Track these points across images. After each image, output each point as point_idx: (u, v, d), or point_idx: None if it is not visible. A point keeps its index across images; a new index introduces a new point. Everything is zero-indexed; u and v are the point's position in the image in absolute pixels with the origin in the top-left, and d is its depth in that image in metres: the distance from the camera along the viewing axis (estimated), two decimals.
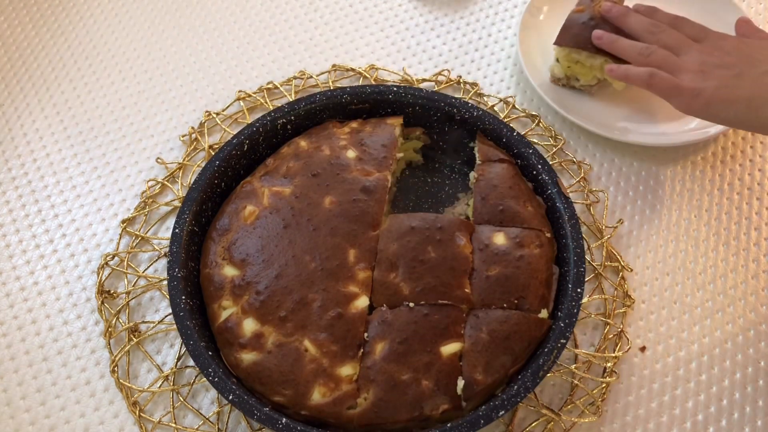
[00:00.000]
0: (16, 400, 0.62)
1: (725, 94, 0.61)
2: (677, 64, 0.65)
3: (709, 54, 0.64)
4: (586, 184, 0.74)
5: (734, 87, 0.61)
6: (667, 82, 0.64)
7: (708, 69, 0.63)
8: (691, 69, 0.64)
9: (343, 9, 0.90)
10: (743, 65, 0.62)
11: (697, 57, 0.65)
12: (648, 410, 0.61)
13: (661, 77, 0.65)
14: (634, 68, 0.67)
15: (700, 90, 0.62)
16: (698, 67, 0.64)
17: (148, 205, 0.72)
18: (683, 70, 0.64)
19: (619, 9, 0.72)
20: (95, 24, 0.89)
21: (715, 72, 0.63)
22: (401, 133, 0.71)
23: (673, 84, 0.64)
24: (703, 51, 0.65)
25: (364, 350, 0.57)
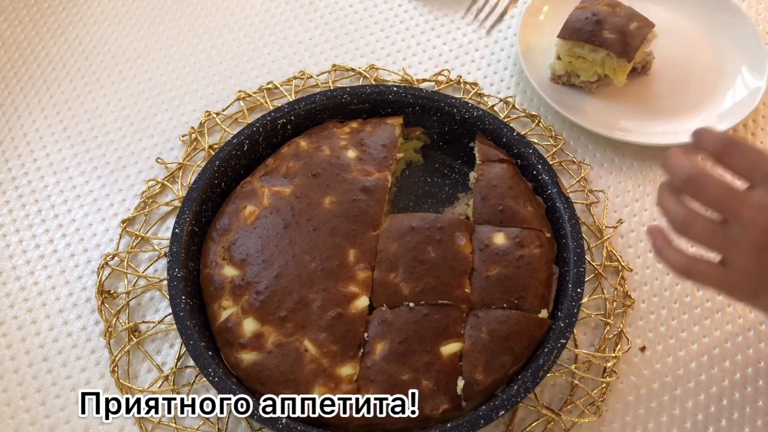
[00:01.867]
0: (16, 400, 0.62)
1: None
2: (726, 244, 0.47)
3: None
4: (586, 184, 0.74)
5: None
6: (710, 279, 0.48)
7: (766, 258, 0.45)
8: (740, 255, 0.46)
9: (343, 9, 0.90)
10: None
11: (751, 232, 0.45)
12: (648, 410, 0.61)
13: (698, 273, 0.48)
14: (668, 253, 0.49)
15: (755, 293, 0.48)
16: (752, 254, 0.45)
17: (148, 205, 0.72)
18: (729, 252, 0.47)
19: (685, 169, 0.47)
20: (95, 24, 0.89)
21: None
22: (401, 133, 0.71)
23: (718, 281, 0.48)
24: (760, 223, 0.44)
25: (364, 350, 0.57)
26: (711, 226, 0.47)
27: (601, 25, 0.74)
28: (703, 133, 0.48)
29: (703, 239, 0.47)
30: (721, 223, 0.46)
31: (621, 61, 0.74)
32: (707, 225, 0.47)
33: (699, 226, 0.47)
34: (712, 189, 0.46)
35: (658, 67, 0.81)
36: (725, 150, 0.47)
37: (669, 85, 0.80)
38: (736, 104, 0.77)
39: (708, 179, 0.46)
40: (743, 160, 0.46)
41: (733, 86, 0.79)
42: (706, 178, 0.46)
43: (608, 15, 0.75)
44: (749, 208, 0.44)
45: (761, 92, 0.76)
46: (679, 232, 0.48)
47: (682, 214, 0.48)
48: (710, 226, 0.47)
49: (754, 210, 0.44)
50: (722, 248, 0.47)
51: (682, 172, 0.47)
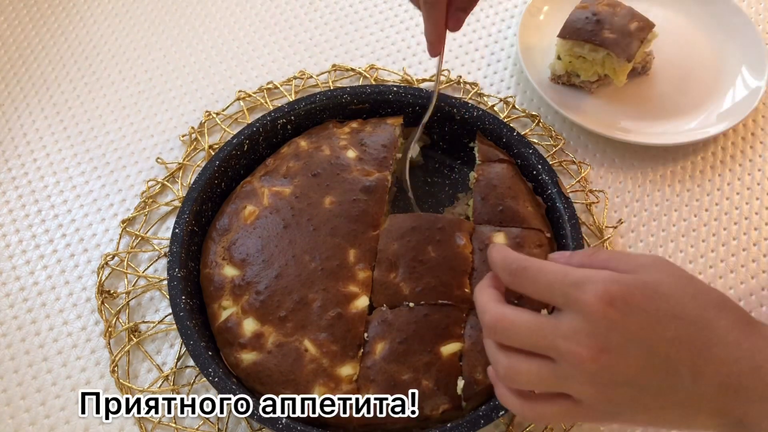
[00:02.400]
0: (16, 400, 0.62)
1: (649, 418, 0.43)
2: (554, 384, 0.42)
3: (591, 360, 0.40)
4: (586, 184, 0.74)
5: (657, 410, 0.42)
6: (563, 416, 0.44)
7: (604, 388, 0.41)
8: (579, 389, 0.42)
9: (343, 9, 0.90)
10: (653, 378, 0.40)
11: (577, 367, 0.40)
12: None
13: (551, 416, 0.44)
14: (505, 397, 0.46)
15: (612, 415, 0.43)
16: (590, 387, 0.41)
17: (148, 205, 0.72)
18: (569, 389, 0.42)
19: None
20: (95, 24, 0.89)
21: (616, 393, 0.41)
22: (401, 133, 0.71)
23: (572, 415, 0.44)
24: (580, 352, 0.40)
25: (364, 350, 0.57)
26: (537, 369, 0.42)
27: (601, 25, 0.74)
28: (494, 255, 0.45)
29: (535, 386, 0.43)
30: (548, 363, 0.42)
31: (621, 61, 0.74)
32: (533, 369, 0.42)
33: (524, 374, 0.42)
34: (518, 332, 0.42)
35: (658, 67, 0.81)
36: (515, 278, 0.44)
37: (669, 85, 0.80)
38: (736, 104, 0.77)
39: (511, 322, 0.42)
40: (538, 284, 0.43)
41: (733, 86, 0.79)
42: (510, 322, 0.42)
43: (608, 15, 0.75)
44: (563, 340, 0.40)
45: (761, 92, 0.76)
46: (508, 384, 0.44)
47: (503, 366, 0.43)
48: (536, 369, 0.42)
49: (568, 342, 0.40)
50: (559, 387, 0.42)
51: (485, 321, 0.44)
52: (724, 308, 0.42)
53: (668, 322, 0.40)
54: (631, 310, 0.40)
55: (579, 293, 0.40)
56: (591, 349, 0.40)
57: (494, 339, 0.44)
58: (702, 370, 0.40)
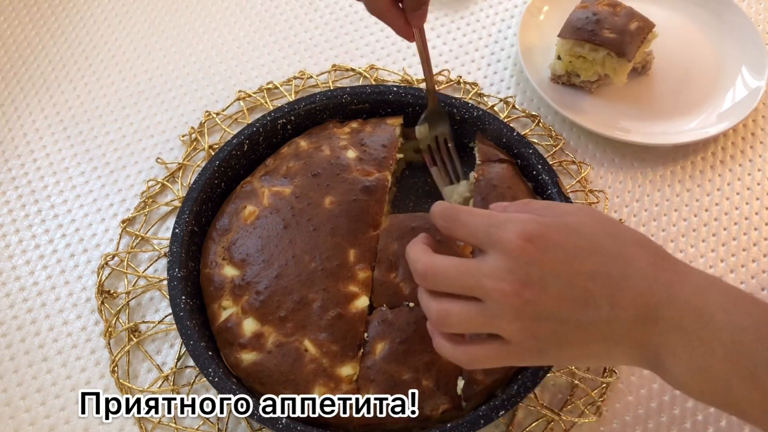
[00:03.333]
0: (16, 400, 0.62)
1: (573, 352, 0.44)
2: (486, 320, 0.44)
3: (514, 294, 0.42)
4: (586, 184, 0.74)
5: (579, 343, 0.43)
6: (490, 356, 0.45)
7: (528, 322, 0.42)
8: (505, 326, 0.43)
9: (343, 9, 0.90)
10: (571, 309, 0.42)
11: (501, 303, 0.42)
12: (648, 410, 0.61)
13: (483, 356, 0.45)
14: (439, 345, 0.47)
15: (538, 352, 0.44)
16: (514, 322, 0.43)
17: (148, 205, 0.72)
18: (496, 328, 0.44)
19: None
20: (95, 24, 0.89)
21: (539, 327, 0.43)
22: (401, 133, 0.71)
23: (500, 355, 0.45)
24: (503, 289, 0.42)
25: (364, 350, 0.57)
26: (467, 310, 0.43)
27: (601, 25, 0.74)
28: (433, 208, 0.47)
29: (465, 327, 0.44)
30: (476, 304, 0.43)
31: (621, 61, 0.74)
32: (462, 310, 0.43)
33: (454, 316, 0.44)
34: (447, 276, 0.44)
35: (658, 67, 0.81)
36: (447, 224, 0.45)
37: (669, 85, 0.80)
38: (736, 104, 0.77)
39: (440, 267, 0.44)
40: (466, 227, 0.44)
41: (733, 86, 0.79)
42: (439, 267, 0.44)
43: (608, 15, 0.75)
44: (488, 279, 0.42)
45: (761, 92, 0.76)
46: (440, 329, 0.45)
47: (434, 310, 0.44)
48: (466, 310, 0.43)
49: (492, 280, 0.42)
50: (489, 327, 0.43)
51: (417, 270, 0.45)
52: (642, 246, 0.44)
53: (586, 257, 0.42)
54: (549, 246, 0.42)
55: (500, 232, 0.42)
56: (513, 284, 0.41)
57: (426, 287, 0.45)
58: (619, 301, 0.41)
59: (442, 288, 0.44)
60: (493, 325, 0.43)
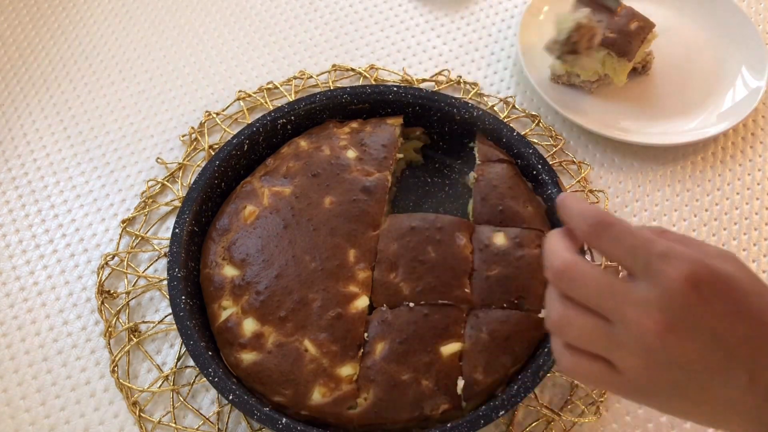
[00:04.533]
0: (16, 400, 0.62)
1: (685, 408, 0.41)
2: (607, 347, 0.40)
3: (655, 333, 0.38)
4: (586, 184, 0.74)
5: (699, 402, 0.40)
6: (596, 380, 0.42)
7: (653, 366, 0.39)
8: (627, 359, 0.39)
9: (343, 9, 0.90)
10: (708, 370, 0.38)
11: (636, 338, 0.38)
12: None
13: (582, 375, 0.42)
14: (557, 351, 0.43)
15: (648, 395, 0.41)
16: (638, 359, 0.39)
17: (148, 205, 0.72)
18: (615, 357, 0.40)
19: None
20: (95, 24, 0.89)
21: (664, 375, 0.39)
22: (401, 133, 0.71)
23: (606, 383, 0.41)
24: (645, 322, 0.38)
25: (364, 350, 0.57)
26: (591, 327, 0.40)
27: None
28: (569, 205, 0.42)
29: (581, 341, 0.41)
30: (604, 323, 0.40)
31: (621, 61, 0.74)
32: (587, 326, 0.40)
33: (578, 326, 0.40)
34: (586, 286, 0.40)
35: (658, 67, 0.81)
36: (596, 232, 0.40)
37: (669, 85, 0.80)
38: (736, 104, 0.77)
39: (582, 272, 0.40)
40: (619, 245, 0.40)
41: (733, 86, 0.79)
42: (580, 271, 0.40)
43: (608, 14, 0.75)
44: (632, 307, 0.38)
45: (761, 92, 0.76)
46: (555, 332, 0.42)
47: (557, 314, 0.41)
48: (591, 327, 0.40)
49: (637, 310, 0.38)
50: (607, 351, 0.40)
51: (553, 265, 0.41)
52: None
53: (743, 319, 0.38)
54: (712, 298, 0.38)
55: (664, 266, 0.38)
56: (658, 324, 0.38)
57: (558, 286, 0.41)
58: (759, 375, 0.38)
59: (575, 295, 0.40)
60: (613, 351, 0.40)
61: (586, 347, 0.41)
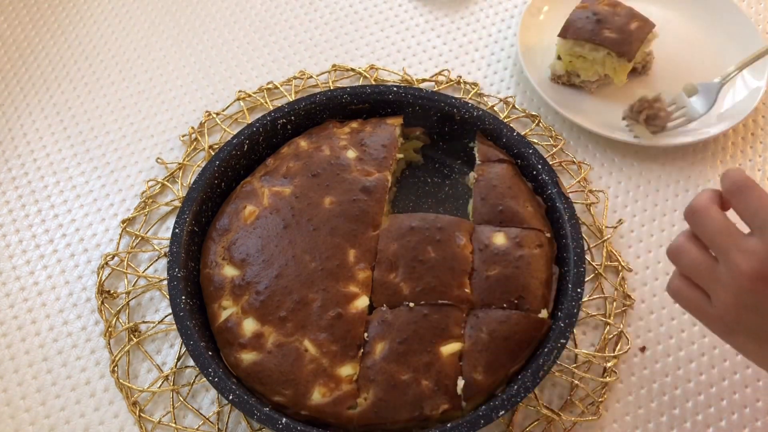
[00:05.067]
0: (16, 400, 0.62)
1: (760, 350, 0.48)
2: (707, 279, 0.48)
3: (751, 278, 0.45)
4: (586, 184, 0.74)
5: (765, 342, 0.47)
6: (692, 304, 0.50)
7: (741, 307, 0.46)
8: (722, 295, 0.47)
9: (343, 9, 0.90)
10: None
11: (735, 277, 0.46)
12: (648, 410, 0.61)
13: (682, 297, 0.51)
14: (671, 278, 0.52)
15: (730, 330, 0.49)
16: (730, 298, 0.46)
17: (148, 205, 0.72)
18: (714, 290, 0.48)
19: None
20: (95, 24, 0.89)
21: (749, 317, 0.46)
22: (401, 133, 0.71)
23: (699, 309, 0.50)
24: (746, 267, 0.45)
25: (364, 350, 0.57)
26: (701, 259, 0.48)
27: (601, 25, 0.75)
28: (728, 172, 0.49)
29: (689, 269, 0.49)
30: (712, 260, 0.48)
31: (621, 61, 0.74)
32: (698, 258, 0.48)
33: (690, 256, 0.49)
34: (710, 224, 0.48)
35: (658, 67, 0.81)
36: (734, 190, 0.47)
37: (669, 85, 0.80)
38: (736, 104, 0.77)
39: (710, 215, 0.48)
40: (748, 204, 0.46)
41: (733, 86, 0.79)
42: (708, 214, 0.48)
43: (609, 14, 0.76)
44: (739, 253, 0.46)
45: (761, 92, 0.76)
46: (671, 257, 0.50)
47: (677, 243, 0.50)
48: (700, 259, 0.48)
49: (742, 255, 0.45)
50: (707, 283, 0.48)
51: (693, 204, 0.49)
52: None
53: None
54: None
55: None
56: (755, 271, 0.45)
57: (689, 220, 0.49)
58: None
59: (698, 231, 0.49)
60: (712, 284, 0.48)
61: (692, 276, 0.49)
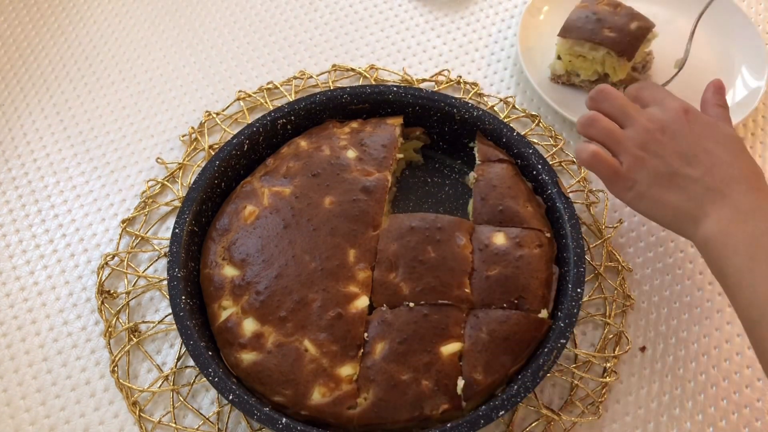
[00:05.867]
0: (16, 400, 0.62)
1: (656, 193, 0.57)
2: (618, 139, 0.58)
3: (652, 131, 0.57)
4: (586, 184, 0.74)
5: (665, 188, 0.56)
6: (607, 165, 0.58)
7: (647, 155, 0.57)
8: (631, 149, 0.58)
9: (343, 9, 0.90)
10: (679, 162, 0.56)
11: (640, 133, 0.58)
12: (648, 410, 0.61)
13: (600, 159, 0.58)
14: (579, 145, 0.60)
15: (634, 182, 0.57)
16: (638, 149, 0.57)
17: (148, 205, 0.72)
18: (623, 148, 0.58)
19: None
20: (95, 24, 0.89)
21: (651, 162, 0.57)
22: (401, 133, 0.71)
23: (612, 169, 0.58)
24: (648, 125, 0.58)
25: (364, 350, 0.57)
26: (611, 126, 0.59)
27: (601, 24, 0.75)
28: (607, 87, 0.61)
29: (601, 135, 0.59)
30: (619, 127, 0.59)
31: (621, 60, 0.74)
32: (608, 125, 0.59)
33: (601, 124, 0.59)
34: (617, 99, 0.60)
35: (658, 67, 0.81)
36: (637, 87, 0.62)
37: (669, 85, 0.80)
38: (736, 104, 0.77)
39: (616, 93, 0.60)
40: (651, 92, 0.61)
41: (733, 86, 0.79)
42: (614, 92, 0.60)
43: (608, 14, 0.76)
44: (641, 116, 0.59)
45: (761, 92, 0.76)
46: (583, 128, 0.60)
47: (590, 114, 0.60)
48: (610, 126, 0.59)
49: (645, 117, 0.59)
50: (616, 144, 0.58)
51: (594, 90, 0.61)
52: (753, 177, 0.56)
53: (709, 138, 0.57)
54: (695, 121, 0.58)
55: (669, 100, 0.60)
56: (656, 126, 0.58)
57: (594, 100, 0.61)
58: (713, 173, 0.55)
59: (603, 107, 0.60)
60: (621, 143, 0.58)
61: (604, 140, 0.59)
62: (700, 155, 0.56)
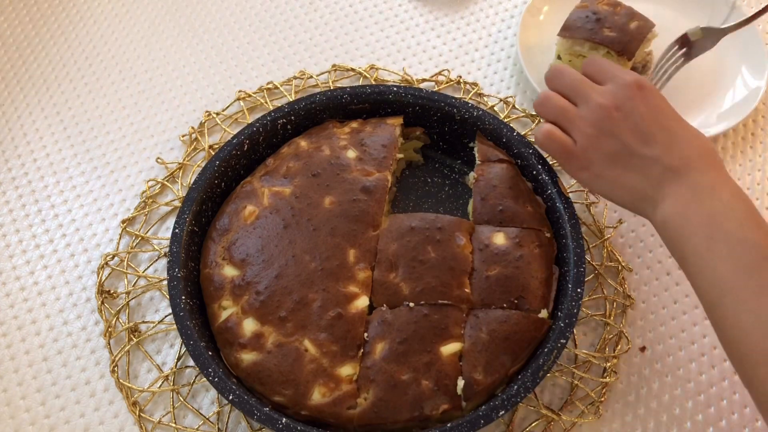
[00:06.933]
0: (16, 400, 0.62)
1: (613, 174, 0.56)
2: (571, 118, 0.58)
3: (607, 108, 0.56)
4: None
5: (622, 168, 0.56)
6: (560, 144, 0.58)
7: (601, 134, 0.56)
8: (583, 128, 0.57)
9: (343, 9, 0.90)
10: (636, 141, 0.55)
11: (594, 111, 0.57)
12: (648, 410, 0.61)
13: (554, 138, 0.58)
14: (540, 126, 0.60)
15: (590, 162, 0.57)
16: (590, 128, 0.57)
17: (148, 205, 0.72)
18: (576, 127, 0.58)
19: None
20: (95, 24, 0.89)
21: (606, 141, 0.56)
22: (401, 133, 0.71)
23: (565, 148, 0.58)
24: (602, 101, 0.56)
25: (364, 350, 0.57)
26: (565, 104, 0.58)
27: (601, 24, 0.75)
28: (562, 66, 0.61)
29: (555, 114, 0.59)
30: (573, 105, 0.58)
31: (621, 60, 0.74)
32: (562, 103, 0.59)
33: (556, 103, 0.59)
34: (570, 77, 0.59)
35: None
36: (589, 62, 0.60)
37: (668, 85, 0.80)
38: (736, 104, 0.77)
39: (570, 72, 0.60)
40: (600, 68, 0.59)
41: (733, 86, 0.79)
42: (568, 71, 0.60)
43: (608, 14, 0.76)
44: (596, 93, 0.57)
45: (761, 92, 0.76)
46: (539, 107, 0.60)
47: (544, 93, 0.60)
48: (564, 104, 0.58)
49: (598, 94, 0.57)
50: (570, 123, 0.58)
51: (550, 69, 0.61)
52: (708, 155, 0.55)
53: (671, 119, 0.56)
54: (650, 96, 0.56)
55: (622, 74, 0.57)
56: (610, 103, 0.56)
57: (548, 79, 0.61)
58: (671, 151, 0.54)
59: (557, 84, 0.60)
60: (575, 122, 0.57)
61: (558, 119, 0.59)
62: (656, 133, 0.55)
